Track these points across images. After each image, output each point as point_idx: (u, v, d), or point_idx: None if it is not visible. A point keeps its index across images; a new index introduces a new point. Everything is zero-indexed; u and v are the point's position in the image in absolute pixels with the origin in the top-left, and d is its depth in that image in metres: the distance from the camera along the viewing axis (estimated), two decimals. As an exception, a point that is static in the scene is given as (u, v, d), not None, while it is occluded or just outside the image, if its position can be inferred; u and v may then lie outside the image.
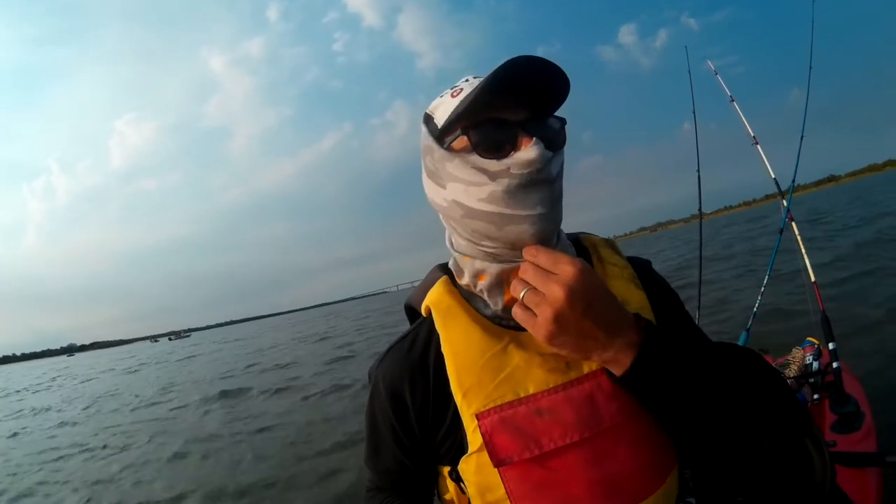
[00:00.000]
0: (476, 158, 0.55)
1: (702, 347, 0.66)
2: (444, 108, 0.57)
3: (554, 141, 0.55)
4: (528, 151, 0.52)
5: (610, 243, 0.68)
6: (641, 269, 0.66)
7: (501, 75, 0.50)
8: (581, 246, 0.68)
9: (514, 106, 0.53)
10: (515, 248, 0.56)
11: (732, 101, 2.81)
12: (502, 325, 0.59)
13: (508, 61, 0.50)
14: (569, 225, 0.66)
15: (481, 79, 0.54)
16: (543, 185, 0.54)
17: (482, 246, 0.58)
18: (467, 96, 0.53)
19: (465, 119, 0.54)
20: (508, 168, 0.53)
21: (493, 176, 0.54)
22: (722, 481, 0.63)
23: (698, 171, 2.79)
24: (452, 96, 0.57)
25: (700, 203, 2.83)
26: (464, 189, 0.56)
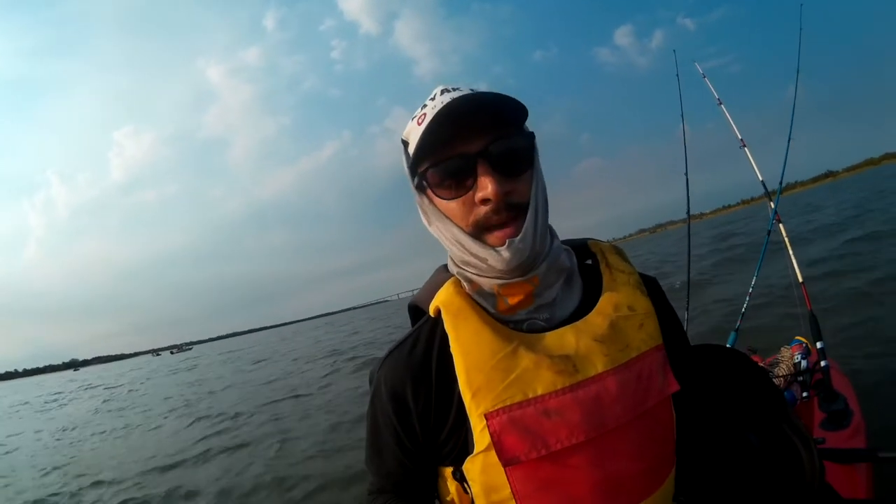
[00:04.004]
0: (439, 200, 0.58)
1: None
2: (413, 136, 0.59)
3: (516, 164, 0.56)
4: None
5: (618, 250, 0.69)
6: (648, 282, 0.68)
7: (440, 121, 0.53)
8: (589, 252, 0.69)
9: (471, 137, 0.55)
10: (498, 273, 0.58)
11: (720, 104, 2.83)
12: (511, 327, 0.60)
13: (444, 106, 0.54)
14: (567, 229, 0.68)
15: (444, 98, 0.56)
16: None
17: (468, 269, 0.61)
18: (422, 135, 0.56)
19: (426, 155, 0.57)
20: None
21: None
22: (713, 477, 0.65)
23: (686, 174, 2.82)
24: (418, 123, 0.58)
25: (688, 206, 2.87)
26: (437, 225, 0.60)
